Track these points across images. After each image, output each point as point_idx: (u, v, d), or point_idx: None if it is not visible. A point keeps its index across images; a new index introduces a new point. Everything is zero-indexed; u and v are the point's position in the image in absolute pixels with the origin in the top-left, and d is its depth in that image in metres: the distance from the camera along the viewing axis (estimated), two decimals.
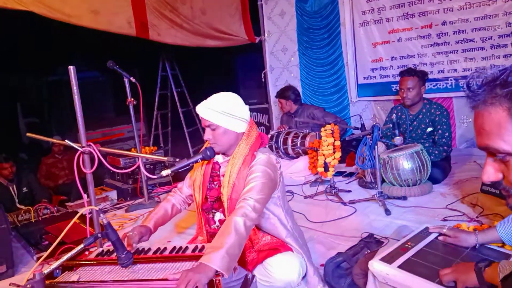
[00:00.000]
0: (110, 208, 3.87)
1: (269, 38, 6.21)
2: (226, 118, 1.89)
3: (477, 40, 4.36)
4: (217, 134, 1.91)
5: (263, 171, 1.87)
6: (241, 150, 1.92)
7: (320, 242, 2.64)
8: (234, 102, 1.94)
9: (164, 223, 2.14)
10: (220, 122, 1.89)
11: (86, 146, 2.08)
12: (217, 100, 1.92)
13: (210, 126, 1.90)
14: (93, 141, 2.20)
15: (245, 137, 1.94)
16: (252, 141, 1.94)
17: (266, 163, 1.90)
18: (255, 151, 1.94)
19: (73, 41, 5.74)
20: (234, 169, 1.90)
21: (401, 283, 1.54)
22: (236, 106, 1.92)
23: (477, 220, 2.65)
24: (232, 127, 1.91)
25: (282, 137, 4.74)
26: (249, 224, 1.71)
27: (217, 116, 1.88)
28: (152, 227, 2.02)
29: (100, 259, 1.85)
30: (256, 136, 1.98)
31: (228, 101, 1.92)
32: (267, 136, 2.10)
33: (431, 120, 3.64)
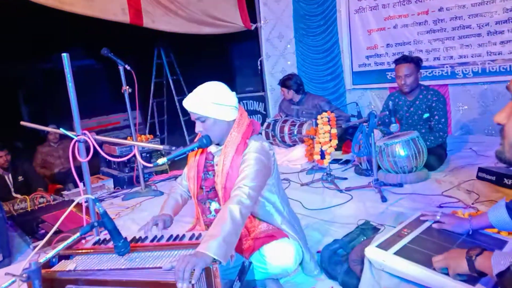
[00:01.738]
0: (106, 196, 3.88)
1: (265, 25, 6.15)
2: (214, 108, 1.87)
3: (473, 26, 4.34)
4: (207, 125, 1.89)
5: (257, 158, 1.87)
6: (233, 139, 1.91)
7: (317, 229, 2.66)
8: (219, 90, 1.91)
9: (178, 211, 2.16)
10: (208, 113, 1.87)
11: (81, 135, 2.06)
12: (202, 91, 1.90)
13: (200, 118, 1.89)
14: (89, 130, 2.18)
15: (236, 125, 1.93)
16: (243, 129, 1.93)
17: (259, 150, 1.90)
18: (247, 139, 1.93)
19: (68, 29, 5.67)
20: (227, 158, 1.89)
21: (397, 269, 1.55)
22: (222, 93, 1.90)
23: (473, 207, 2.67)
24: (222, 116, 1.90)
25: (279, 125, 4.72)
26: (244, 211, 1.71)
27: (204, 107, 1.86)
28: (172, 214, 2.06)
29: (97, 247, 1.85)
30: (248, 123, 1.96)
31: (214, 90, 1.90)
32: (258, 123, 2.09)
33: (427, 106, 3.64)
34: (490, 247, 1.60)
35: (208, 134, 1.90)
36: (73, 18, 4.15)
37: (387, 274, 1.61)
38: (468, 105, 4.60)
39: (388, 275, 1.60)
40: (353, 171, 3.85)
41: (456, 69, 4.55)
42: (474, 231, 1.70)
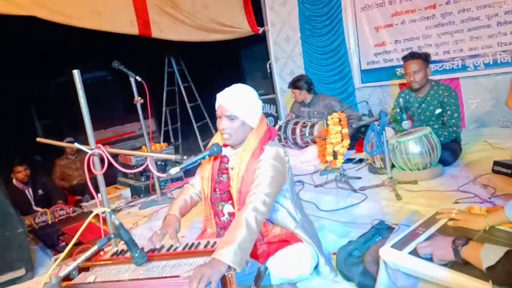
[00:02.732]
0: (124, 206, 3.93)
1: (272, 28, 6.18)
2: (247, 111, 1.92)
3: (482, 18, 4.28)
4: (235, 125, 1.92)
5: (272, 165, 1.88)
6: (250, 143, 1.93)
7: (332, 230, 2.66)
8: (254, 96, 1.97)
9: (186, 212, 2.17)
10: (241, 115, 1.91)
11: (95, 148, 2.11)
12: (241, 91, 1.94)
13: (230, 116, 1.91)
14: (105, 140, 2.24)
15: (255, 131, 1.95)
16: (261, 134, 1.95)
17: (275, 157, 1.91)
18: (264, 145, 1.95)
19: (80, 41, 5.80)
20: (243, 162, 1.91)
21: (413, 269, 1.55)
22: (256, 100, 1.97)
23: (490, 201, 2.63)
24: (250, 121, 1.94)
25: (290, 127, 4.73)
26: (259, 218, 1.73)
27: (240, 108, 1.90)
28: (178, 215, 2.07)
29: (115, 258, 1.89)
30: (266, 129, 1.98)
31: (251, 95, 1.95)
32: (275, 129, 2.11)
33: (439, 101, 3.60)
34: (507, 242, 1.59)
35: (231, 134, 1.93)
36: (85, 31, 4.23)
37: (403, 274, 1.61)
38: (480, 97, 4.54)
39: (404, 275, 1.61)
40: (367, 170, 3.83)
41: (467, 62, 4.50)
42: (491, 227, 1.69)
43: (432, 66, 4.67)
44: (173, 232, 1.93)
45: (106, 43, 5.64)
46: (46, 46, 6.29)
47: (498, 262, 1.25)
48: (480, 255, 1.29)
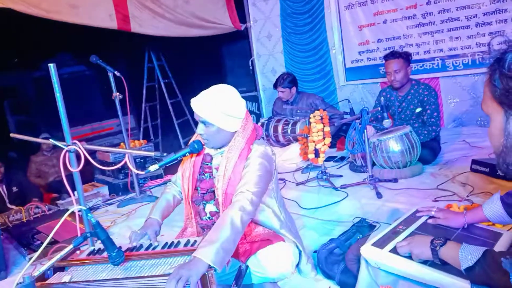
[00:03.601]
0: (101, 204, 3.85)
1: (254, 24, 6.14)
2: (223, 118, 1.83)
3: (462, 18, 4.36)
4: (210, 131, 1.86)
5: (260, 164, 1.84)
6: (237, 144, 1.87)
7: (313, 228, 2.66)
8: (233, 100, 1.85)
9: (169, 214, 2.12)
10: (215, 121, 1.83)
11: (71, 145, 2.04)
12: (215, 97, 1.83)
13: (205, 123, 1.85)
14: (82, 136, 2.17)
15: (241, 130, 1.89)
16: (248, 134, 1.90)
17: (263, 156, 1.87)
18: (251, 144, 1.90)
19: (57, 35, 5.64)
20: (230, 163, 1.85)
21: (393, 267, 1.55)
22: (234, 105, 1.85)
23: (468, 199, 2.67)
24: (227, 127, 1.86)
25: (272, 125, 4.72)
26: (245, 218, 1.68)
27: (212, 115, 1.82)
28: (159, 218, 2.01)
29: (92, 257, 1.83)
30: (252, 128, 1.93)
31: (227, 99, 1.84)
32: (261, 127, 2.07)
33: (419, 100, 3.64)
34: (485, 240, 1.60)
35: (209, 139, 1.88)
36: (62, 25, 4.11)
37: (384, 272, 1.61)
38: (459, 97, 4.62)
39: (385, 273, 1.60)
40: (348, 168, 3.85)
41: (447, 61, 4.56)
42: (469, 225, 1.70)
43: (413, 65, 4.73)
44: (153, 234, 1.89)
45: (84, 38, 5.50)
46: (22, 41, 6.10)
47: (476, 263, 1.25)
48: (459, 255, 1.29)
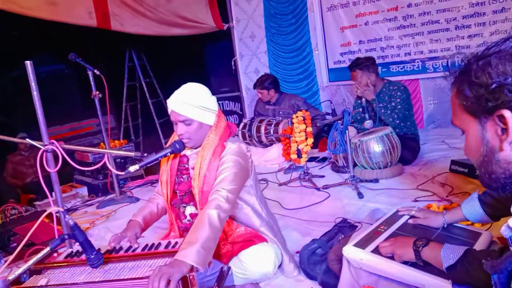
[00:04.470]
0: (80, 205, 3.77)
1: (237, 24, 6.12)
2: (202, 112, 1.84)
3: (442, 21, 4.42)
4: (192, 129, 1.85)
5: (234, 161, 1.85)
6: (211, 141, 1.88)
7: (295, 229, 2.66)
8: (206, 94, 1.89)
9: (152, 220, 2.08)
10: (196, 117, 1.84)
11: (49, 144, 1.99)
12: (191, 93, 1.85)
13: (185, 121, 1.84)
14: (61, 136, 2.12)
15: (214, 128, 1.90)
16: (221, 131, 1.90)
17: (237, 153, 1.87)
18: (225, 141, 1.91)
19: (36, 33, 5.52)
20: (205, 161, 1.86)
21: (375, 267, 1.56)
22: (208, 98, 1.89)
23: (447, 200, 2.71)
24: (207, 120, 1.88)
25: (255, 125, 4.71)
26: (223, 216, 1.69)
27: (193, 111, 1.82)
28: (141, 221, 1.98)
29: (70, 260, 1.79)
30: (225, 126, 1.94)
31: (201, 93, 1.87)
32: (235, 124, 2.07)
33: (389, 96, 3.71)
34: (465, 239, 1.63)
35: (191, 138, 1.87)
36: (41, 22, 4.02)
37: (366, 272, 1.61)
38: (438, 99, 4.69)
39: (367, 273, 1.61)
40: (330, 169, 3.87)
41: (427, 63, 4.63)
42: (449, 225, 1.72)
43: (393, 67, 4.79)
44: (133, 236, 1.86)
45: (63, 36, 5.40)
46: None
47: (457, 261, 1.27)
48: (441, 255, 1.31)
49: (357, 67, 3.74)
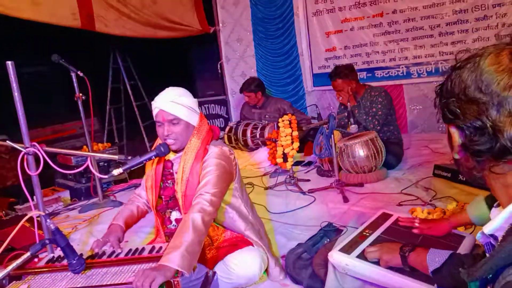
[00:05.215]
0: (62, 209, 3.70)
1: (223, 28, 6.11)
2: (189, 112, 1.86)
3: (426, 28, 4.50)
4: (179, 129, 1.84)
5: (217, 164, 1.84)
6: (193, 145, 1.87)
7: (281, 233, 2.65)
8: (191, 95, 1.92)
9: (133, 223, 2.06)
10: (184, 116, 1.84)
11: (30, 147, 1.95)
12: (178, 93, 1.87)
13: (173, 120, 1.83)
14: (43, 139, 2.07)
15: (196, 131, 1.89)
16: (203, 135, 1.90)
17: (220, 156, 1.87)
18: (207, 145, 1.90)
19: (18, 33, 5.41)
20: (187, 165, 1.85)
21: (361, 272, 1.56)
22: (193, 99, 1.91)
23: (431, 204, 2.74)
24: (193, 121, 1.88)
25: (241, 129, 4.69)
26: (207, 219, 1.68)
27: (181, 110, 1.83)
28: (122, 224, 1.95)
29: (51, 265, 1.75)
30: (207, 129, 1.93)
31: (188, 94, 1.90)
32: (217, 128, 2.06)
33: (370, 101, 3.74)
34: (449, 243, 1.64)
35: (178, 138, 1.85)
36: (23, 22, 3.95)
37: (351, 277, 1.61)
38: (422, 104, 4.76)
39: (352, 278, 1.61)
40: (315, 173, 3.88)
41: (411, 69, 4.70)
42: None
43: (378, 72, 4.84)
44: (115, 241, 1.82)
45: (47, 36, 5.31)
46: None
47: (442, 265, 1.27)
48: (426, 259, 1.31)
49: (337, 76, 3.73)
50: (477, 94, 0.76)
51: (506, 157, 0.76)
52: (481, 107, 0.76)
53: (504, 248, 0.73)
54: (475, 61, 0.79)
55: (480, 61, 0.78)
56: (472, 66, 0.79)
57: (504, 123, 0.73)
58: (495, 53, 0.77)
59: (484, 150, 0.78)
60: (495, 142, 0.75)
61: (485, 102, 0.75)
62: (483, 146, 0.77)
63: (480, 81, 0.76)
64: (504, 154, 0.76)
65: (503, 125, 0.74)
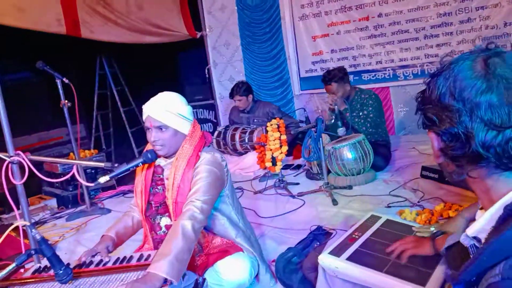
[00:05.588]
0: (49, 218, 3.64)
1: (211, 33, 6.11)
2: (178, 120, 1.83)
3: (411, 31, 4.55)
4: (167, 135, 1.82)
5: (209, 171, 1.82)
6: (185, 151, 1.85)
7: (271, 237, 2.64)
8: (183, 102, 1.89)
9: (128, 234, 2.02)
10: (172, 124, 1.81)
11: (15, 156, 1.92)
12: (169, 99, 1.84)
13: (160, 127, 1.81)
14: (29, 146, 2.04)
15: (189, 138, 1.87)
16: (196, 141, 1.88)
17: (211, 162, 1.85)
18: (200, 151, 1.88)
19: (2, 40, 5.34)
20: (179, 171, 1.83)
21: (351, 275, 1.56)
22: (185, 107, 1.88)
23: (419, 205, 2.76)
24: (182, 129, 1.85)
25: (229, 133, 4.68)
26: (197, 226, 1.66)
27: (170, 117, 1.80)
28: (113, 235, 1.91)
29: (38, 276, 1.72)
30: (200, 136, 1.92)
31: (179, 101, 1.87)
32: (210, 134, 2.05)
33: (361, 104, 3.78)
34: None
35: (165, 144, 1.83)
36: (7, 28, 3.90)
37: (341, 280, 1.61)
38: (408, 106, 4.80)
39: (342, 281, 1.61)
40: (304, 176, 3.89)
41: (397, 71, 4.74)
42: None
43: (365, 75, 4.88)
44: (104, 250, 1.80)
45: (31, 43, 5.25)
46: None
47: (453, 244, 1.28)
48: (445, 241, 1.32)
49: (332, 80, 3.76)
50: (451, 101, 0.79)
51: (480, 162, 0.79)
52: (455, 114, 0.78)
53: (486, 250, 0.75)
54: (450, 68, 0.81)
55: (455, 68, 0.80)
56: (447, 73, 0.81)
57: (476, 129, 0.76)
58: (470, 60, 0.79)
59: (460, 155, 0.81)
60: (468, 148, 0.78)
61: (458, 109, 0.78)
62: (458, 151, 0.80)
63: (454, 88, 0.79)
64: (477, 159, 0.78)
65: (475, 131, 0.76)
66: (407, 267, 1.50)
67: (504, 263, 0.71)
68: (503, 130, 0.74)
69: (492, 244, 0.74)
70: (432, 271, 1.44)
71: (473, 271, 0.76)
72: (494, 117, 0.74)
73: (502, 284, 0.68)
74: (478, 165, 0.80)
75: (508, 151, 0.75)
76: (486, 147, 0.76)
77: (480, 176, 0.82)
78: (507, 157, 0.76)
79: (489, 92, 0.75)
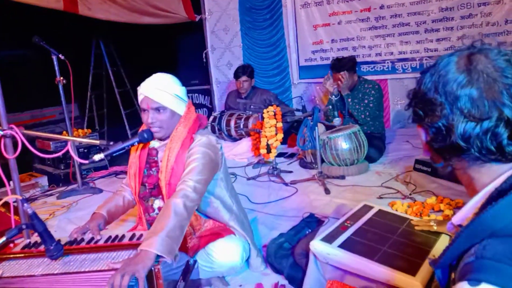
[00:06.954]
0: (40, 195, 3.63)
1: (210, 17, 6.04)
2: (175, 100, 1.81)
3: (412, 24, 4.53)
4: (164, 116, 1.80)
5: (203, 153, 1.81)
6: (179, 133, 1.84)
7: (263, 223, 2.65)
8: (179, 83, 1.87)
9: (118, 213, 2.01)
10: (170, 104, 1.80)
11: (8, 129, 1.89)
12: (165, 80, 1.82)
13: (158, 108, 1.79)
14: (21, 123, 2.01)
15: (183, 120, 1.86)
16: (190, 124, 1.87)
17: (206, 145, 1.84)
18: (194, 133, 1.87)
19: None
20: (172, 153, 1.82)
21: (342, 262, 1.57)
22: (181, 87, 1.86)
23: (411, 197, 2.78)
24: (179, 110, 1.84)
25: (225, 119, 4.66)
26: (189, 204, 1.65)
27: (167, 98, 1.79)
28: (104, 213, 1.91)
29: (27, 251, 1.71)
30: (195, 118, 1.90)
31: (175, 82, 1.85)
32: (205, 117, 2.03)
33: (363, 93, 3.79)
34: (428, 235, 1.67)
35: (163, 126, 1.82)
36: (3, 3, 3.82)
37: (331, 266, 1.63)
38: (405, 99, 4.78)
39: (332, 267, 1.63)
40: (298, 165, 3.90)
41: (396, 64, 4.74)
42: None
43: (364, 66, 4.87)
44: (95, 227, 1.78)
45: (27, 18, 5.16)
46: None
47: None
48: None
49: (343, 68, 3.77)
50: (435, 95, 0.83)
51: (462, 154, 0.83)
52: (438, 108, 0.83)
53: (463, 233, 0.77)
54: (436, 65, 0.86)
55: (440, 64, 0.85)
56: (434, 69, 0.86)
57: (457, 121, 0.80)
58: (455, 56, 0.84)
59: (443, 148, 0.85)
60: (449, 139, 0.82)
61: (441, 102, 0.82)
62: (441, 143, 0.85)
63: (438, 83, 0.83)
64: (459, 151, 0.83)
65: (455, 123, 0.80)
66: (398, 257, 1.51)
67: (479, 244, 0.73)
68: (481, 122, 0.78)
69: (469, 227, 0.77)
70: (423, 261, 1.46)
71: (453, 254, 0.79)
72: (473, 109, 0.78)
73: (476, 263, 0.70)
74: (461, 156, 0.84)
75: (487, 142, 0.79)
76: (465, 139, 0.80)
77: (464, 168, 0.87)
78: (486, 148, 0.79)
79: (469, 86, 0.79)
